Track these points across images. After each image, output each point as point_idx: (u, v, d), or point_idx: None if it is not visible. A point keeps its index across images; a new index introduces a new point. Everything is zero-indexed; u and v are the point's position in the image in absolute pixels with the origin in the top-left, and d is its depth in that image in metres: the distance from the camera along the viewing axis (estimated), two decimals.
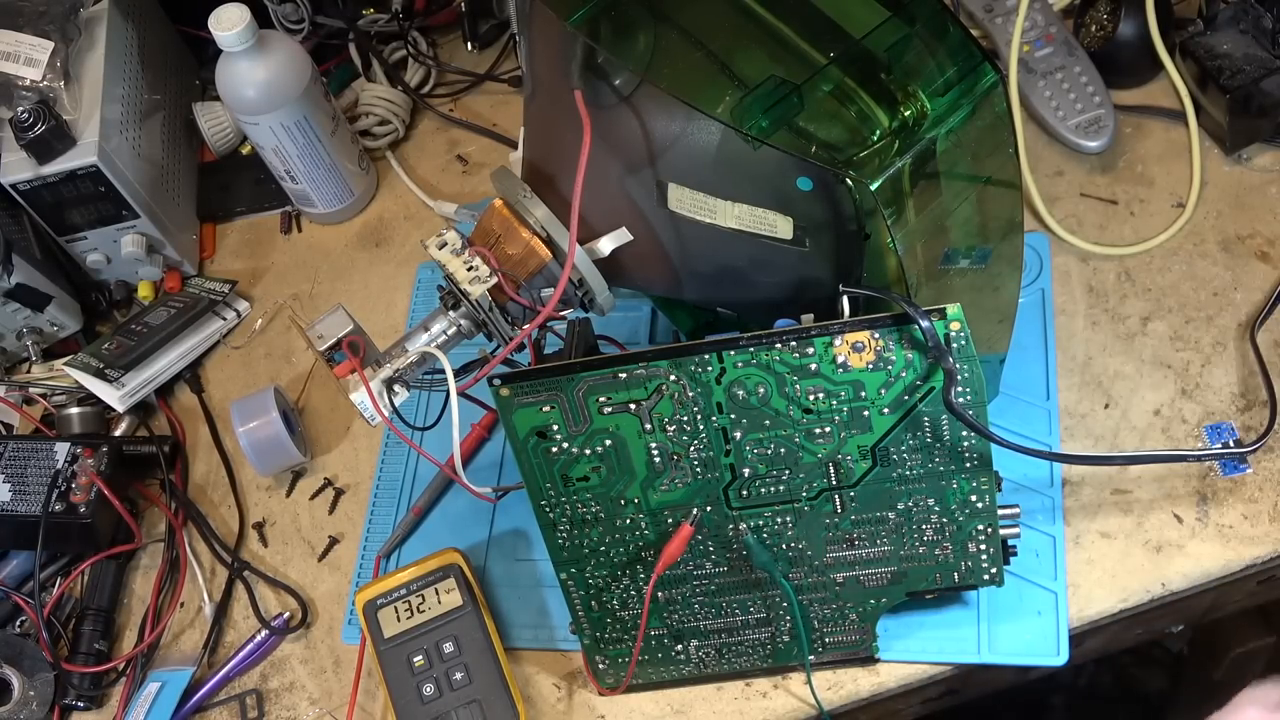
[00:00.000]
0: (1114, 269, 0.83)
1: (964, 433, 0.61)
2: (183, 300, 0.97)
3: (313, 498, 0.88)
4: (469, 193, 1.01)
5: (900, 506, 0.65)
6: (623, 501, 0.66)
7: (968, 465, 0.63)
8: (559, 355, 0.65)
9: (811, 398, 0.62)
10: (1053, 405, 0.77)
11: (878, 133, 0.57)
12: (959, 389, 0.60)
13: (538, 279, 0.66)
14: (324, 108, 0.94)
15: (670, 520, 0.66)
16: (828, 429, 0.62)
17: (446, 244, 0.66)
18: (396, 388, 0.67)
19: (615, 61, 0.61)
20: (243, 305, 0.99)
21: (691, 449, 0.64)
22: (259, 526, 0.87)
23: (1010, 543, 0.66)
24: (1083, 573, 0.72)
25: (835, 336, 0.60)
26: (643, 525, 0.66)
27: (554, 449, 0.64)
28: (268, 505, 0.88)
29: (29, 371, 0.97)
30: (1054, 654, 0.69)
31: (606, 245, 0.64)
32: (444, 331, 0.68)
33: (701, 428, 0.63)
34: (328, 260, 1.00)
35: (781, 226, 0.60)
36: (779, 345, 0.60)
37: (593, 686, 0.74)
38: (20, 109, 0.88)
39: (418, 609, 0.75)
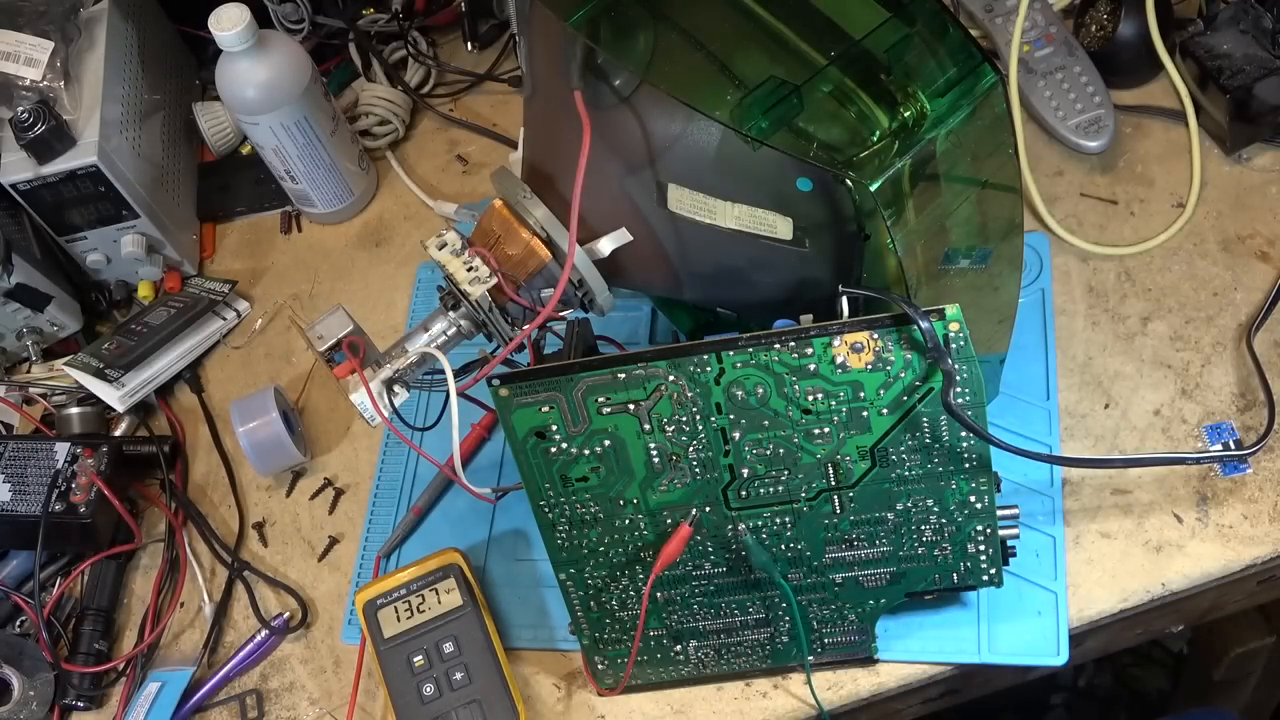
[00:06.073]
0: (1114, 269, 0.83)
1: (963, 433, 0.61)
2: (183, 300, 0.97)
3: (313, 498, 0.88)
4: (469, 193, 1.01)
5: (899, 507, 0.64)
6: (622, 502, 0.66)
7: (967, 466, 0.63)
8: (558, 355, 0.65)
9: (810, 398, 0.62)
10: (1053, 405, 0.77)
11: (877, 133, 0.57)
12: (958, 390, 0.60)
13: (537, 279, 0.67)
14: (324, 108, 0.94)
15: (669, 521, 0.66)
16: (826, 429, 0.62)
17: (446, 244, 0.66)
18: (396, 388, 0.67)
19: (615, 62, 0.61)
20: (243, 305, 0.99)
21: (690, 449, 0.64)
22: (259, 526, 0.87)
23: (1009, 543, 0.66)
24: (1083, 573, 0.72)
25: (834, 337, 0.60)
26: (642, 526, 0.66)
27: (553, 449, 0.64)
28: (268, 505, 0.88)
29: (29, 371, 0.97)
30: (1054, 654, 0.69)
31: (606, 246, 0.64)
32: (444, 332, 0.68)
33: (700, 428, 0.63)
34: (328, 260, 1.00)
35: (781, 227, 0.60)
36: (778, 346, 0.60)
37: (592, 687, 0.74)
38: (20, 109, 0.88)
39: (418, 609, 0.75)
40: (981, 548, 0.66)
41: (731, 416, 0.62)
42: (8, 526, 0.83)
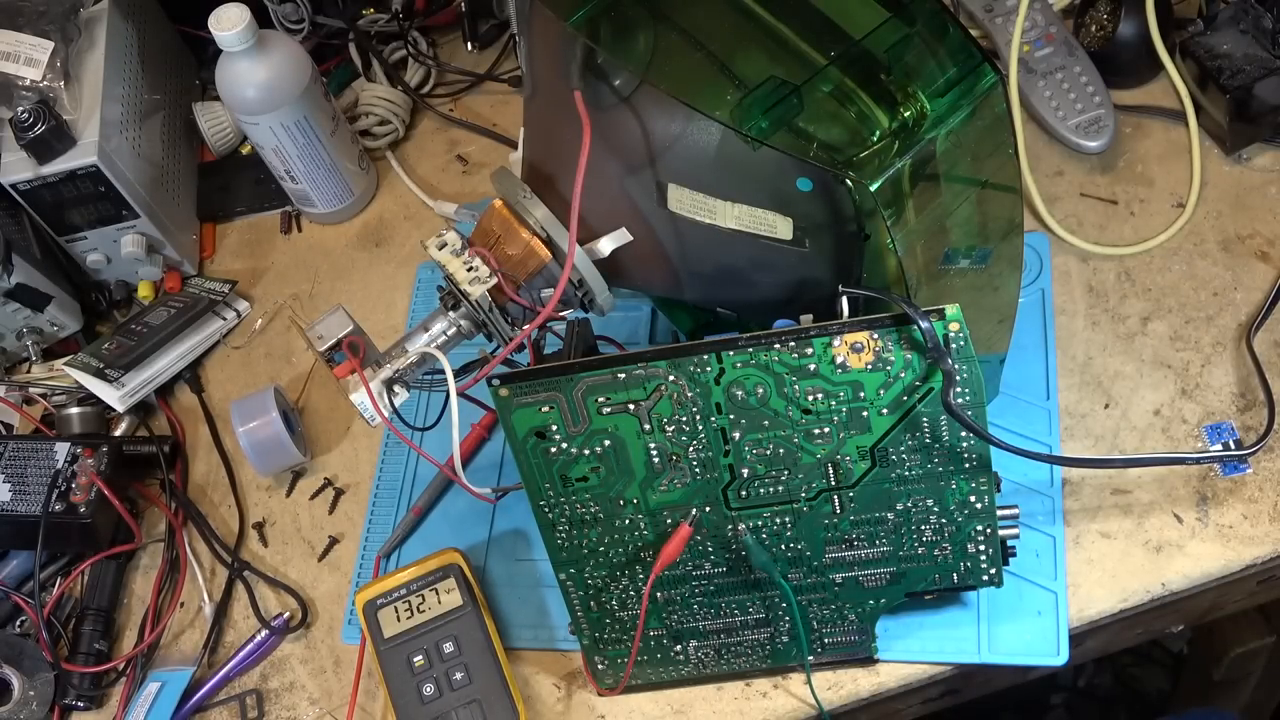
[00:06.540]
0: (1114, 269, 0.83)
1: (963, 433, 0.61)
2: (183, 300, 0.97)
3: (313, 498, 0.88)
4: (469, 193, 1.01)
5: (899, 507, 0.65)
6: (621, 502, 0.66)
7: (966, 466, 0.63)
8: (558, 355, 0.65)
9: (810, 398, 0.62)
10: (1053, 405, 0.77)
11: (877, 133, 0.57)
12: (958, 390, 0.60)
13: (537, 279, 0.67)
14: (324, 108, 0.94)
15: (669, 521, 0.66)
16: (826, 429, 0.62)
17: (446, 244, 0.66)
18: (396, 388, 0.67)
19: (615, 62, 0.61)
20: (243, 305, 0.99)
21: (690, 449, 0.64)
22: (259, 526, 0.87)
23: (1009, 543, 0.66)
24: (1083, 573, 0.72)
25: (834, 337, 0.60)
26: (642, 526, 0.66)
27: (553, 449, 0.64)
28: (268, 505, 0.88)
29: (29, 371, 0.97)
30: (1054, 654, 0.69)
31: (606, 246, 0.64)
32: (444, 332, 0.68)
33: (700, 428, 0.63)
34: (328, 260, 1.00)
35: (781, 227, 0.60)
36: (778, 346, 0.60)
37: (592, 687, 0.74)
38: (20, 109, 0.88)
39: (418, 609, 0.75)
40: (981, 548, 0.66)
41: (731, 416, 0.62)
42: (8, 526, 0.83)
